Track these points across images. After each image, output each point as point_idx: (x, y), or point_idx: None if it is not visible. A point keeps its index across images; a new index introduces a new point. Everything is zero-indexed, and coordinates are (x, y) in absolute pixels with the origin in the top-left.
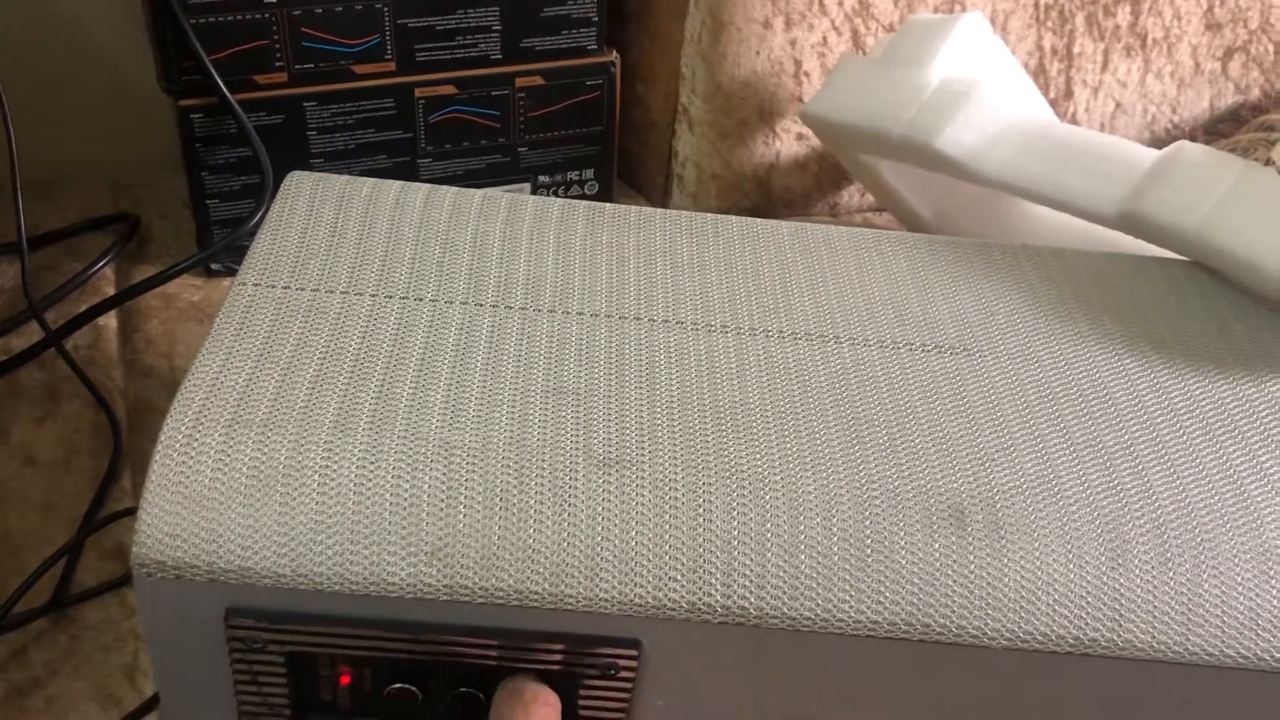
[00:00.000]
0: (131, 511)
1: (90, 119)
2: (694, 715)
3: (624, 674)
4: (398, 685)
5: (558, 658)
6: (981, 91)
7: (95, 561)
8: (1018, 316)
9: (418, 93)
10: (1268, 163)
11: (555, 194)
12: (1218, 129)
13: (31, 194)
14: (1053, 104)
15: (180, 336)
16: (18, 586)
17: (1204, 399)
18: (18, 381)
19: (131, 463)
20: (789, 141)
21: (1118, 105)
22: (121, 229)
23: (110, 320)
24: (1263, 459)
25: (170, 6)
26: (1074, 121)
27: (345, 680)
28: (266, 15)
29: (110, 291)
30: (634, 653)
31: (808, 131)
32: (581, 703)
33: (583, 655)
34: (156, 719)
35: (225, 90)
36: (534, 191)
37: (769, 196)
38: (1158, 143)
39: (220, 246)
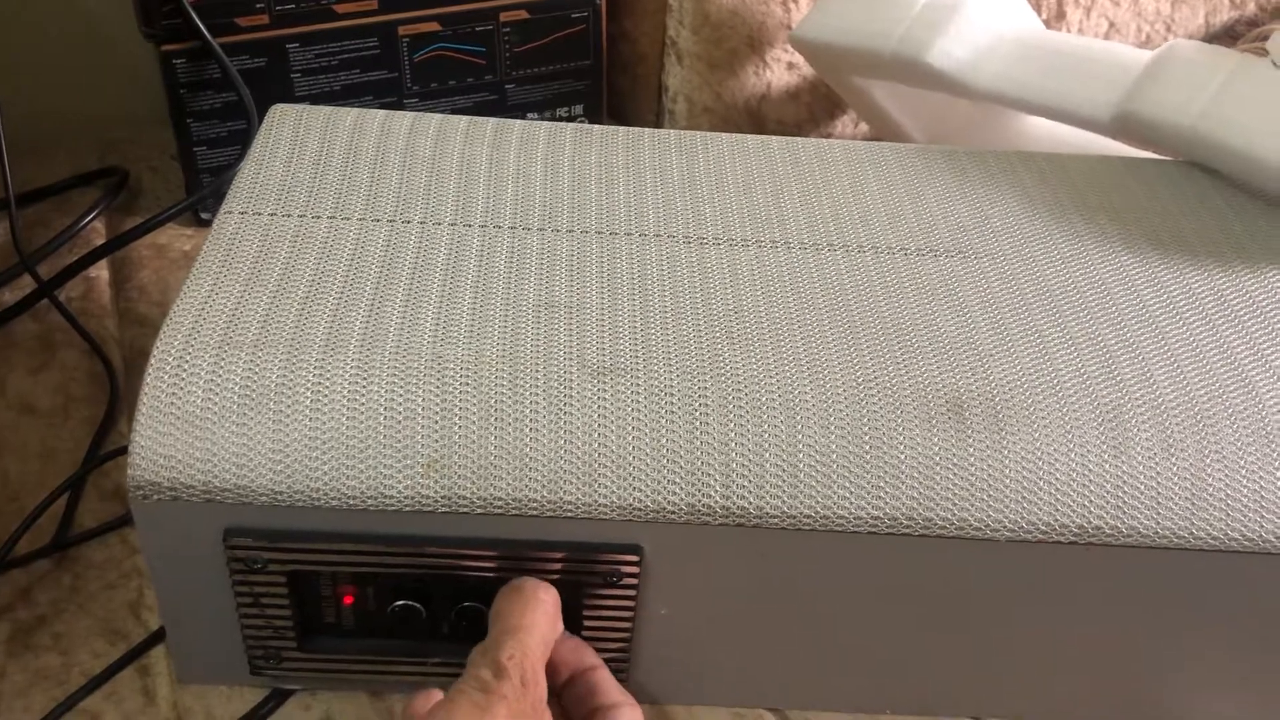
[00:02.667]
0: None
1: (75, 75)
2: (698, 622)
3: (626, 580)
4: (400, 602)
5: (559, 566)
6: (971, 4)
7: (96, 503)
8: (1013, 219)
9: (401, 31)
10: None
11: None
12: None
13: (18, 151)
14: (1045, 25)
15: (173, 285)
16: (18, 525)
17: (1203, 292)
18: (11, 334)
19: (129, 408)
20: (780, 71)
21: (1111, 25)
22: (110, 183)
23: (102, 271)
24: (1265, 347)
25: None
26: None
27: (348, 600)
28: None
29: (101, 243)
30: (635, 558)
31: (799, 60)
32: (586, 613)
33: (584, 563)
34: (164, 651)
35: (206, 33)
36: None
37: (761, 128)
38: None
39: (209, 191)
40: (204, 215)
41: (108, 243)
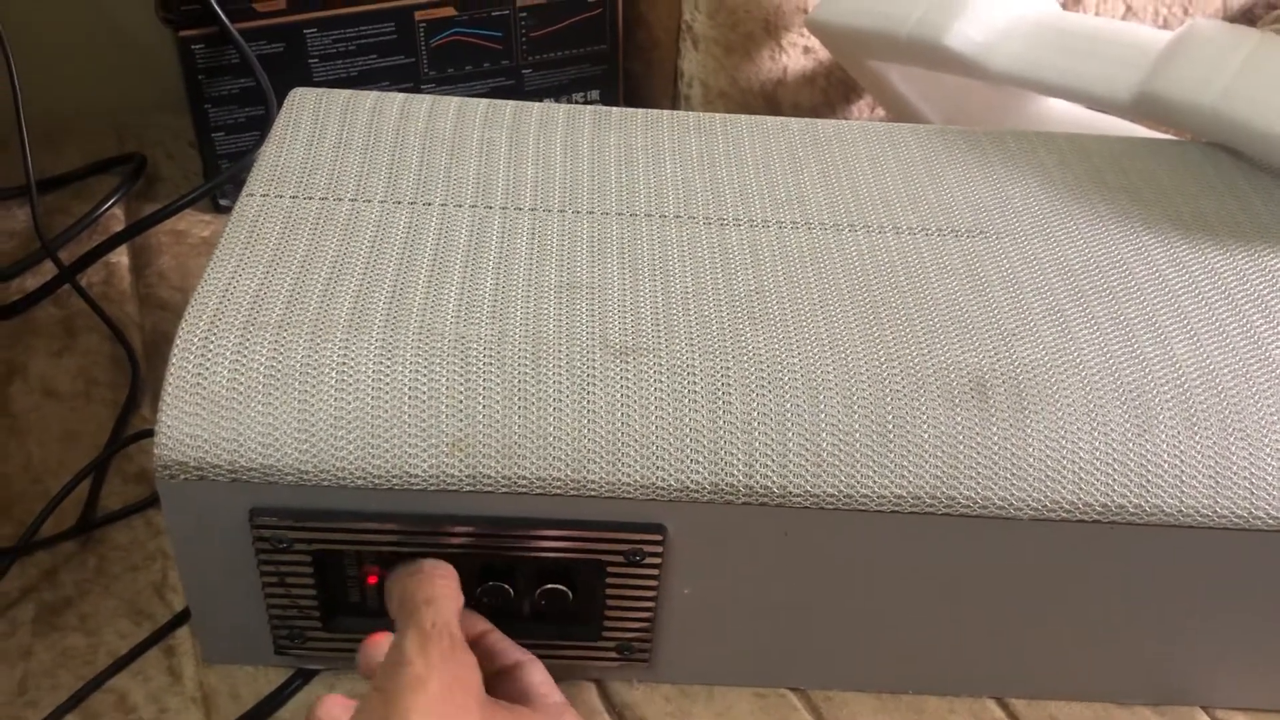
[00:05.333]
0: (152, 433)
1: (92, 62)
2: (721, 601)
3: (650, 560)
4: None
5: (582, 545)
6: None
7: (119, 486)
8: (1033, 199)
9: (418, 16)
10: None
11: None
12: None
13: (37, 139)
14: (1062, 9)
15: (192, 270)
16: (43, 507)
17: (1225, 271)
18: (34, 319)
19: (150, 392)
20: (795, 55)
21: (1128, 8)
22: (128, 169)
23: (122, 257)
24: None
25: None
26: None
27: (372, 580)
28: None
29: (120, 229)
30: (659, 538)
31: (814, 44)
32: (609, 591)
33: (608, 542)
34: (189, 631)
35: (225, 19)
36: None
37: (777, 112)
38: None
39: (227, 177)
40: (222, 202)
41: (127, 228)
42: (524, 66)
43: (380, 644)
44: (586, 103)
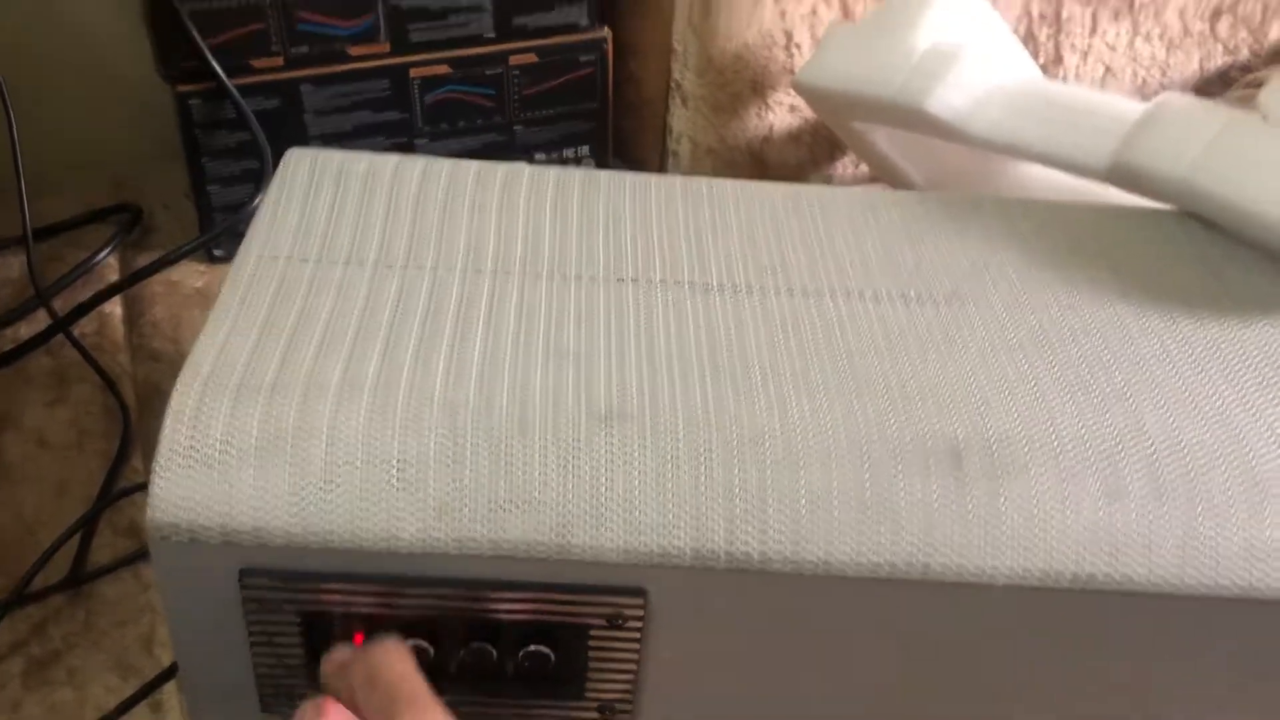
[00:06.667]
0: (143, 486)
1: (89, 111)
2: (702, 664)
3: (631, 623)
4: (410, 641)
5: (565, 607)
6: (969, 53)
7: (109, 539)
8: (1010, 267)
9: (412, 73)
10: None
11: None
12: (1208, 91)
13: (33, 187)
14: (1042, 70)
15: (185, 321)
16: (34, 562)
17: (1196, 341)
18: (27, 369)
19: (142, 443)
20: (782, 114)
21: (1107, 69)
22: (124, 219)
23: (116, 307)
24: (1253, 396)
25: None
26: None
27: (359, 639)
28: (261, 0)
29: (115, 279)
30: (640, 601)
31: (800, 103)
32: (592, 653)
33: (590, 605)
34: (176, 686)
35: (223, 75)
36: None
37: (764, 169)
38: None
39: (221, 230)
40: (216, 253)
41: (122, 280)
42: (516, 123)
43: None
44: (577, 158)
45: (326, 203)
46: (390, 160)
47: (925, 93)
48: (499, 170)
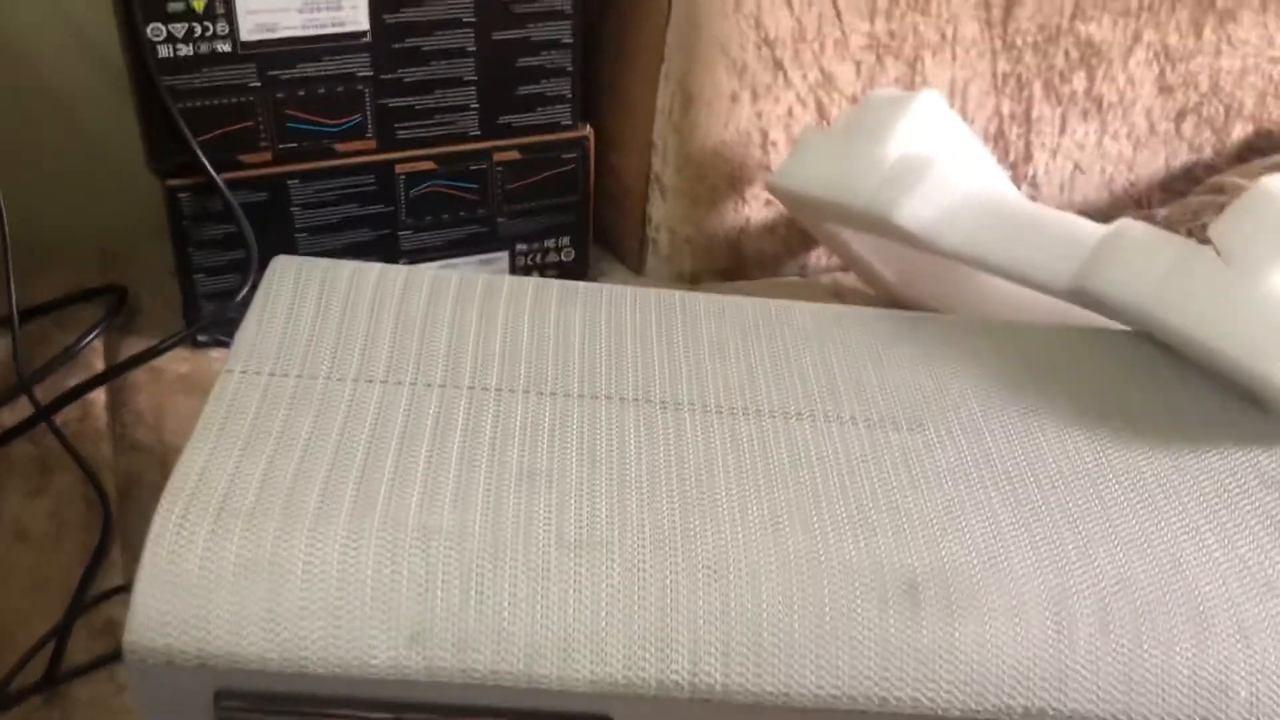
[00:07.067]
0: (120, 590)
1: (76, 188)
2: None
3: None
4: None
5: None
6: (938, 167)
7: (85, 639)
8: (970, 391)
9: (398, 169)
10: (1205, 234)
11: (533, 260)
12: (1173, 187)
13: (18, 263)
14: (1013, 167)
15: (168, 409)
16: (10, 669)
17: (1146, 469)
18: (9, 456)
19: (121, 537)
20: (758, 207)
21: (1076, 166)
22: (110, 301)
23: (99, 394)
24: (1201, 528)
25: (158, 91)
26: (1033, 183)
27: None
28: (251, 98)
29: (99, 363)
30: None
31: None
32: None
33: None
34: None
35: (213, 171)
36: (512, 259)
37: (740, 259)
38: (1116, 201)
39: (206, 322)
40: (200, 339)
41: (106, 371)
42: (499, 215)
43: None
44: (558, 248)
45: (310, 314)
46: (373, 270)
47: (894, 204)
48: (479, 281)
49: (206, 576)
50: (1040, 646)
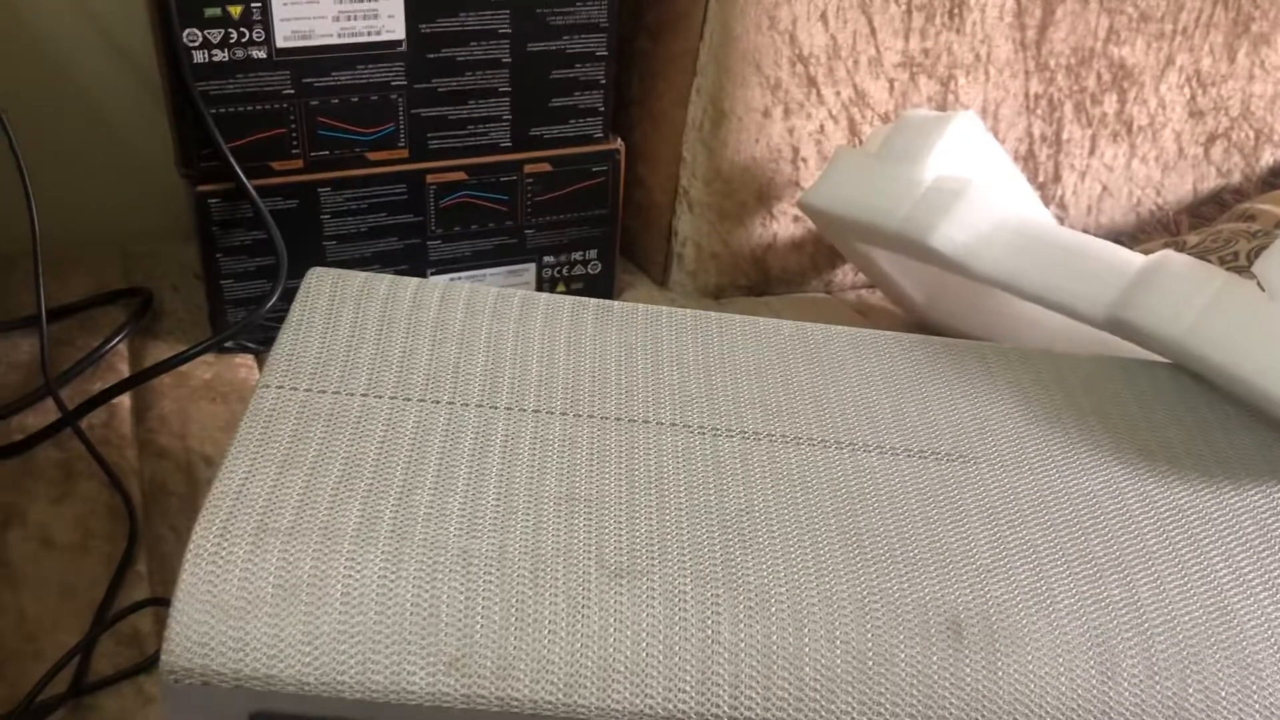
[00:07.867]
0: (146, 603)
1: (101, 188)
2: None
3: None
4: None
5: None
6: (974, 190)
7: (111, 648)
8: (1010, 422)
9: (429, 179)
10: (1247, 262)
11: (559, 273)
12: (1201, 211)
13: (44, 264)
14: (1041, 188)
15: (193, 416)
16: (35, 684)
17: (1189, 508)
18: (34, 461)
19: (146, 546)
20: (785, 223)
21: (1104, 188)
22: (135, 304)
23: (124, 399)
24: (1244, 569)
25: (191, 97)
26: (1061, 204)
27: None
28: (285, 105)
29: (124, 367)
30: None
31: (804, 215)
32: None
33: None
34: None
35: (244, 178)
36: (539, 270)
37: (766, 275)
38: (1142, 223)
39: (235, 330)
40: (226, 344)
41: (131, 376)
42: (527, 227)
43: None
44: (585, 261)
45: (346, 329)
46: (410, 284)
47: (930, 228)
48: (515, 298)
49: (245, 597)
50: (1085, 690)
